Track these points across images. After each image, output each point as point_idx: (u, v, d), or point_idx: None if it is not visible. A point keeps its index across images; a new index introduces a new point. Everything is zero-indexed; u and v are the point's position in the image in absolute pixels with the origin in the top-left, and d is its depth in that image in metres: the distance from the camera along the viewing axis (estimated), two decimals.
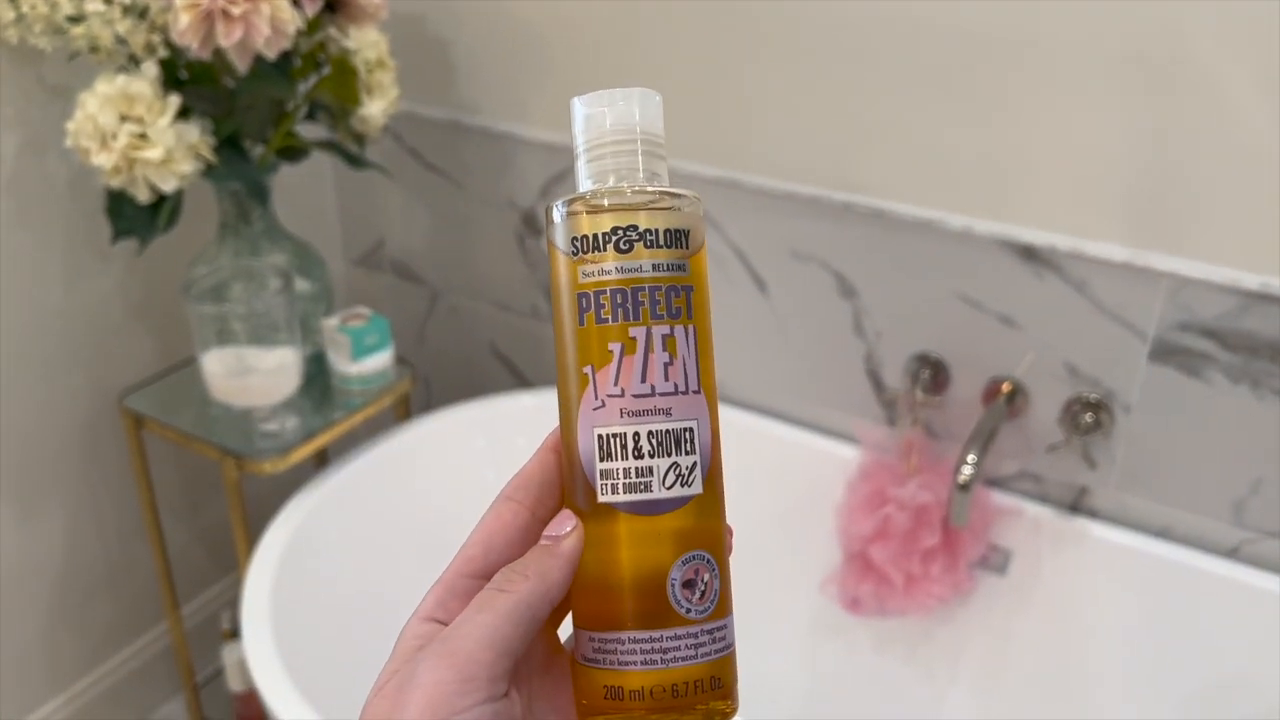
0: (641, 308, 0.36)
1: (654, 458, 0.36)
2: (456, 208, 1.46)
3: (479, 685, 0.33)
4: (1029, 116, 1.03)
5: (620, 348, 0.36)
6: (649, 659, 0.35)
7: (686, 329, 0.36)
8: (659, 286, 0.36)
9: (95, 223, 1.23)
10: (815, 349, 1.25)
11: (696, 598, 0.36)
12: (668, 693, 0.35)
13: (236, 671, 1.38)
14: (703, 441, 0.37)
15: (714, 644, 0.36)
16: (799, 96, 1.14)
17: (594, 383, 0.36)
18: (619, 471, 0.36)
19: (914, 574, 1.14)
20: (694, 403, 0.36)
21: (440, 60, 1.37)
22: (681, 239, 0.37)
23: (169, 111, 1.03)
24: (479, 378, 1.56)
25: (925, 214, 1.11)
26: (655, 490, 0.36)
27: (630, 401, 0.36)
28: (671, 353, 0.36)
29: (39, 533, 1.33)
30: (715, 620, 0.36)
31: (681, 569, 0.36)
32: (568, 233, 0.37)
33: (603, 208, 0.36)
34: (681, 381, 0.36)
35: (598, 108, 0.37)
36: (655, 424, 0.36)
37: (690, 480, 0.36)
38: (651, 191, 0.37)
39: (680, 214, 0.37)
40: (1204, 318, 1.01)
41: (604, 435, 0.36)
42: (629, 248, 0.36)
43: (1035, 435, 1.14)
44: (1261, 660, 1.06)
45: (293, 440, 1.19)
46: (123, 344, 1.34)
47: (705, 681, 0.36)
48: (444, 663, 0.33)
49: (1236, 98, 0.94)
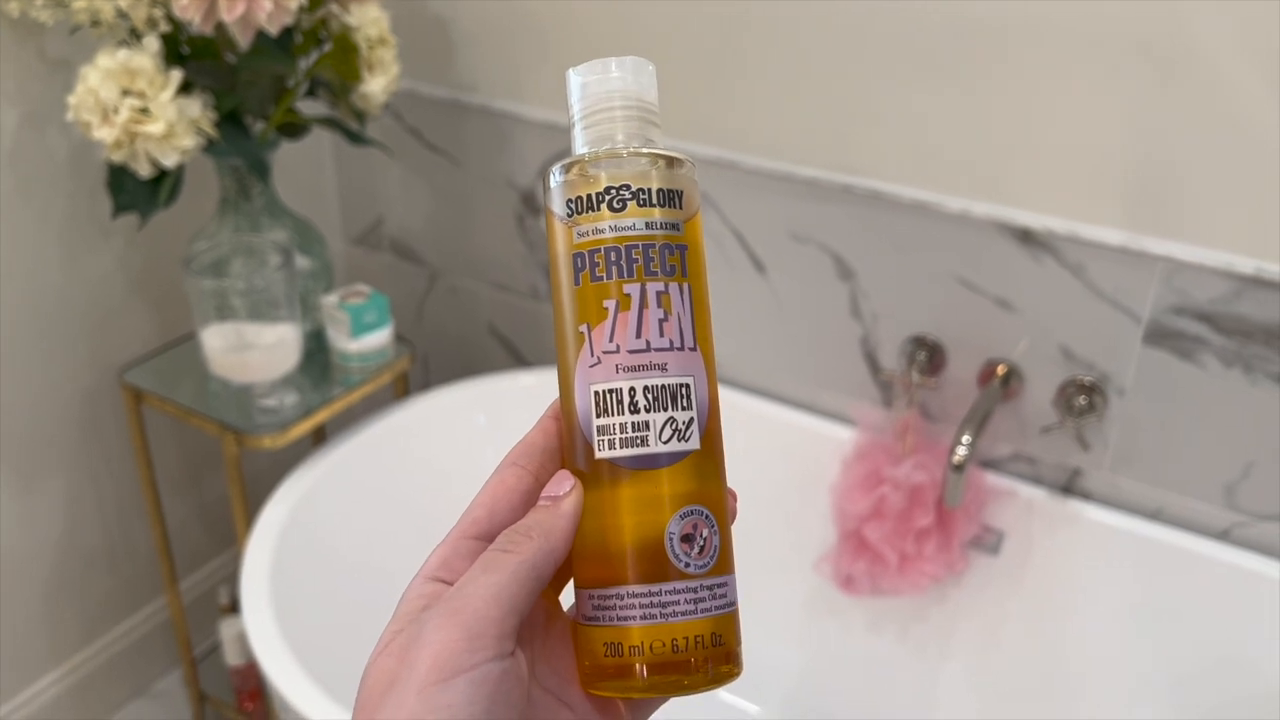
0: (636, 264, 0.36)
1: (650, 412, 0.36)
2: (456, 187, 1.46)
3: (487, 643, 0.33)
4: (1027, 100, 1.04)
5: (615, 304, 0.36)
6: (648, 613, 0.36)
7: (682, 286, 0.37)
8: (653, 244, 0.36)
9: (96, 198, 1.23)
10: (812, 330, 1.25)
11: (695, 552, 0.36)
12: (667, 647, 0.35)
13: (234, 645, 1.39)
14: (700, 398, 0.37)
15: (714, 600, 0.36)
16: (798, 78, 1.15)
17: (590, 340, 0.36)
18: (615, 427, 0.36)
19: (908, 553, 1.15)
20: (690, 359, 0.37)
21: (440, 39, 1.37)
22: (675, 199, 0.37)
23: (171, 86, 1.03)
24: (477, 357, 1.56)
25: (923, 196, 1.12)
26: (652, 444, 0.36)
27: (626, 357, 0.36)
28: (666, 309, 0.36)
29: (39, 507, 1.33)
30: (715, 577, 0.36)
31: (679, 523, 0.36)
32: (563, 196, 0.37)
33: (597, 169, 0.37)
34: (677, 338, 0.36)
35: (591, 75, 0.38)
36: (651, 379, 0.36)
37: (687, 435, 0.36)
38: (644, 153, 0.37)
39: (673, 175, 0.37)
40: (1198, 302, 1.02)
41: (600, 391, 0.36)
42: (622, 206, 0.36)
43: (1030, 417, 1.15)
44: (1252, 642, 1.07)
45: (292, 416, 1.19)
46: (123, 319, 1.35)
47: (706, 637, 0.36)
48: (451, 621, 0.33)
49: (1234, 83, 0.94)
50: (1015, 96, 1.04)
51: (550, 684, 0.37)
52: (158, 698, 1.53)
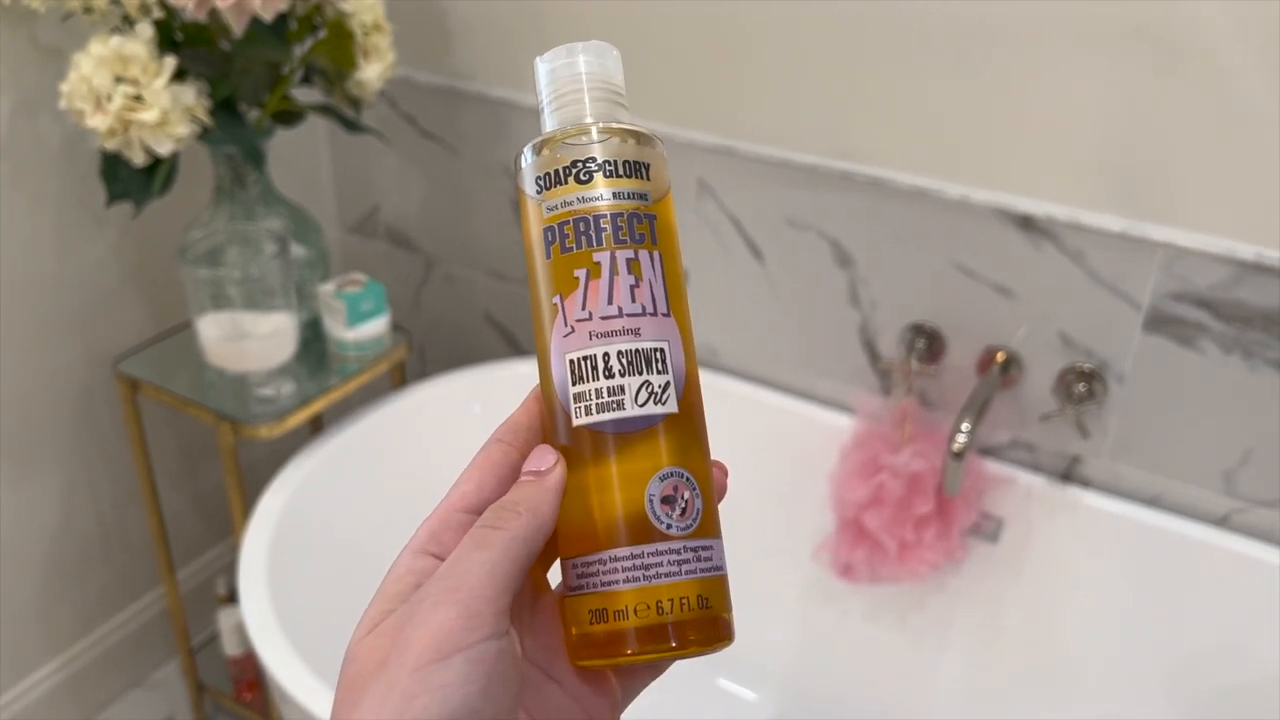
0: (604, 233, 0.37)
1: (625, 376, 0.36)
2: (451, 175, 1.45)
3: (484, 621, 0.33)
4: (1027, 86, 1.03)
5: (585, 273, 0.37)
6: (631, 576, 0.35)
7: (652, 254, 0.37)
8: (620, 213, 0.37)
9: (89, 186, 1.23)
10: (811, 318, 1.25)
11: (677, 514, 0.36)
12: (652, 609, 0.35)
13: (232, 635, 1.39)
14: (676, 363, 0.37)
15: (699, 562, 0.36)
16: (796, 64, 1.14)
17: (563, 310, 0.37)
18: (591, 393, 0.36)
19: (907, 541, 1.15)
20: (664, 325, 0.37)
21: (436, 26, 1.36)
22: (641, 170, 0.38)
23: (165, 73, 1.02)
24: (474, 346, 1.56)
25: (922, 183, 1.11)
26: (628, 408, 0.36)
27: (599, 323, 0.36)
28: (637, 275, 0.37)
29: (35, 498, 1.33)
30: (699, 539, 0.36)
31: (659, 485, 0.36)
32: (533, 174, 0.38)
33: (564, 146, 0.37)
34: (649, 303, 0.37)
35: (557, 61, 0.39)
36: (624, 344, 0.36)
37: (664, 398, 0.36)
38: (610, 128, 0.38)
39: (638, 148, 0.38)
40: (1198, 288, 1.02)
41: (575, 359, 0.36)
42: (589, 178, 0.37)
43: (1029, 404, 1.15)
44: (1251, 628, 1.07)
45: (288, 405, 1.19)
46: (118, 308, 1.34)
47: (691, 599, 0.36)
48: (449, 599, 0.33)
49: (1234, 69, 0.94)
50: (1015, 82, 1.04)
51: (538, 659, 0.37)
52: (155, 688, 1.52)
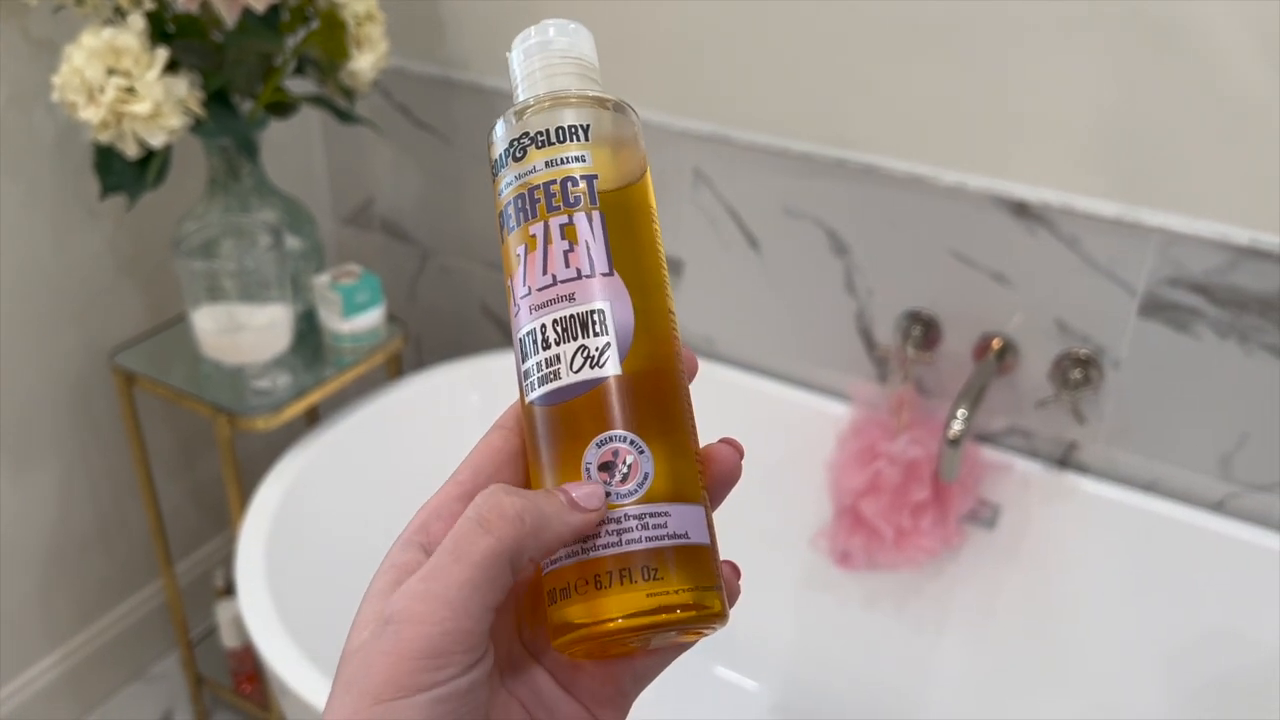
0: (538, 205, 0.36)
1: (560, 345, 0.35)
2: (446, 165, 1.45)
3: (454, 659, 0.31)
4: (1021, 72, 1.03)
5: (524, 249, 0.36)
6: (572, 550, 0.34)
7: (590, 215, 0.36)
8: (553, 180, 0.36)
9: (83, 179, 1.22)
10: (807, 306, 1.25)
11: (616, 480, 0.34)
12: (590, 584, 0.33)
13: (231, 628, 1.39)
14: (619, 323, 0.35)
15: (644, 530, 0.33)
16: (791, 52, 1.14)
17: (512, 292, 0.36)
18: (535, 367, 0.35)
19: (904, 528, 1.15)
20: (604, 285, 0.35)
21: (429, 15, 1.35)
22: (577, 133, 0.36)
23: (157, 64, 1.02)
24: (470, 336, 1.55)
25: (918, 170, 1.11)
26: (564, 376, 0.35)
27: (535, 296, 0.35)
28: (571, 239, 0.35)
29: (32, 491, 1.33)
30: (648, 505, 0.34)
31: (597, 451, 0.34)
32: (490, 163, 0.38)
33: (504, 129, 0.37)
34: (586, 265, 0.35)
35: (511, 52, 0.39)
36: (559, 311, 0.35)
37: (601, 361, 0.35)
38: (542, 99, 0.37)
39: (573, 109, 0.37)
40: (1193, 273, 1.02)
41: (521, 338, 0.36)
42: (522, 154, 0.37)
43: (1025, 391, 1.15)
44: (1247, 612, 1.07)
45: (284, 397, 1.19)
46: (113, 301, 1.34)
47: (634, 571, 0.33)
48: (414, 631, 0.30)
49: (1228, 53, 0.94)
50: (1009, 69, 1.04)
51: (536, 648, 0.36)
52: (155, 681, 1.53)
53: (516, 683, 0.35)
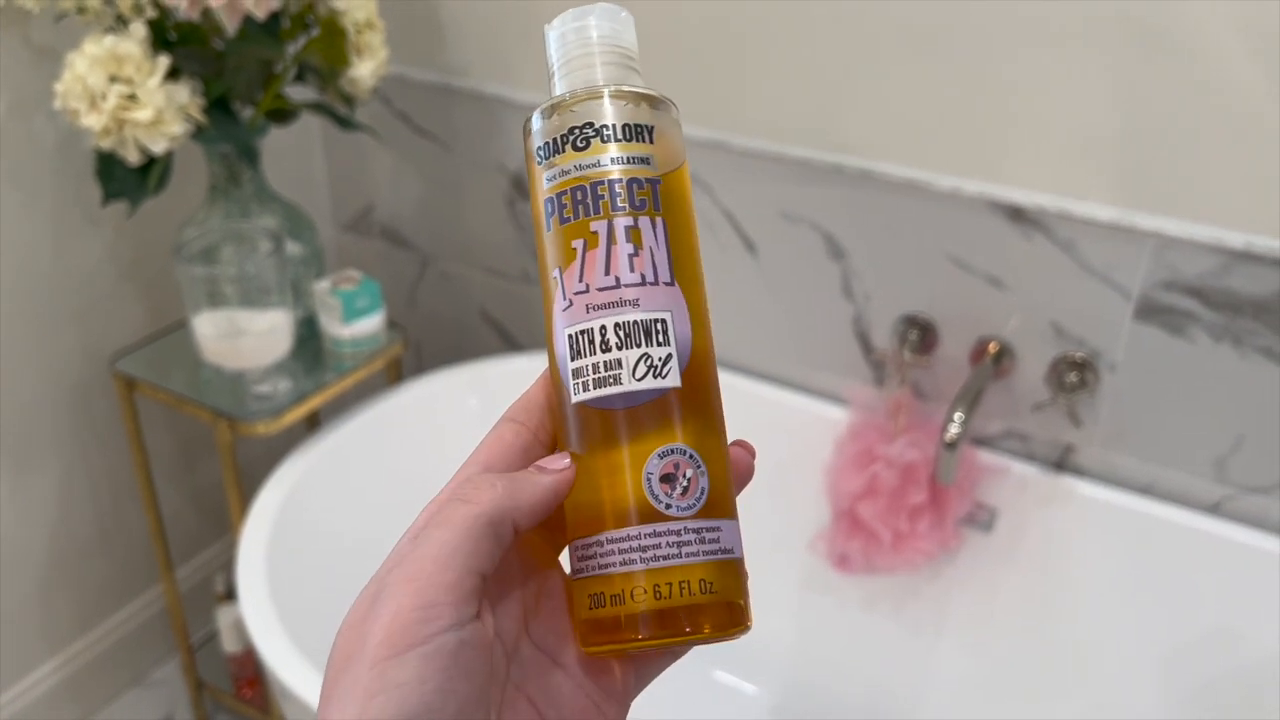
0: (601, 201, 0.35)
1: (622, 349, 0.34)
2: (446, 172, 1.45)
3: (441, 612, 0.31)
4: (1017, 76, 1.04)
5: (583, 244, 0.35)
6: (628, 559, 0.34)
7: (654, 220, 0.35)
8: (619, 179, 0.35)
9: (84, 185, 1.23)
10: (804, 311, 1.25)
11: (677, 493, 0.34)
12: (648, 594, 0.33)
13: (231, 633, 1.39)
14: (679, 335, 0.35)
15: (702, 544, 0.34)
16: (788, 58, 1.15)
17: (561, 284, 0.35)
18: (589, 368, 0.35)
19: (901, 531, 1.16)
20: (667, 294, 0.35)
21: (428, 22, 1.36)
22: (643, 133, 0.36)
23: (158, 72, 1.02)
24: (469, 342, 1.56)
25: (914, 175, 1.12)
26: (626, 383, 0.34)
27: (595, 295, 0.35)
28: (636, 243, 0.35)
29: (32, 496, 1.33)
30: (704, 520, 0.34)
31: (658, 463, 0.34)
32: (536, 143, 0.37)
33: (566, 112, 0.36)
34: (650, 273, 0.35)
35: (565, 25, 0.38)
36: (621, 315, 0.34)
37: (664, 372, 0.35)
38: (611, 90, 0.36)
39: (641, 111, 0.36)
40: (1188, 276, 1.03)
41: (573, 334, 0.35)
42: (585, 144, 0.36)
43: (1021, 394, 1.16)
44: (1243, 614, 1.08)
45: (285, 402, 1.19)
46: (114, 307, 1.34)
47: (693, 583, 0.33)
48: (403, 589, 0.31)
49: (1222, 57, 0.95)
50: (1005, 74, 1.04)
51: (546, 644, 0.36)
52: (155, 686, 1.53)
53: (525, 679, 0.35)
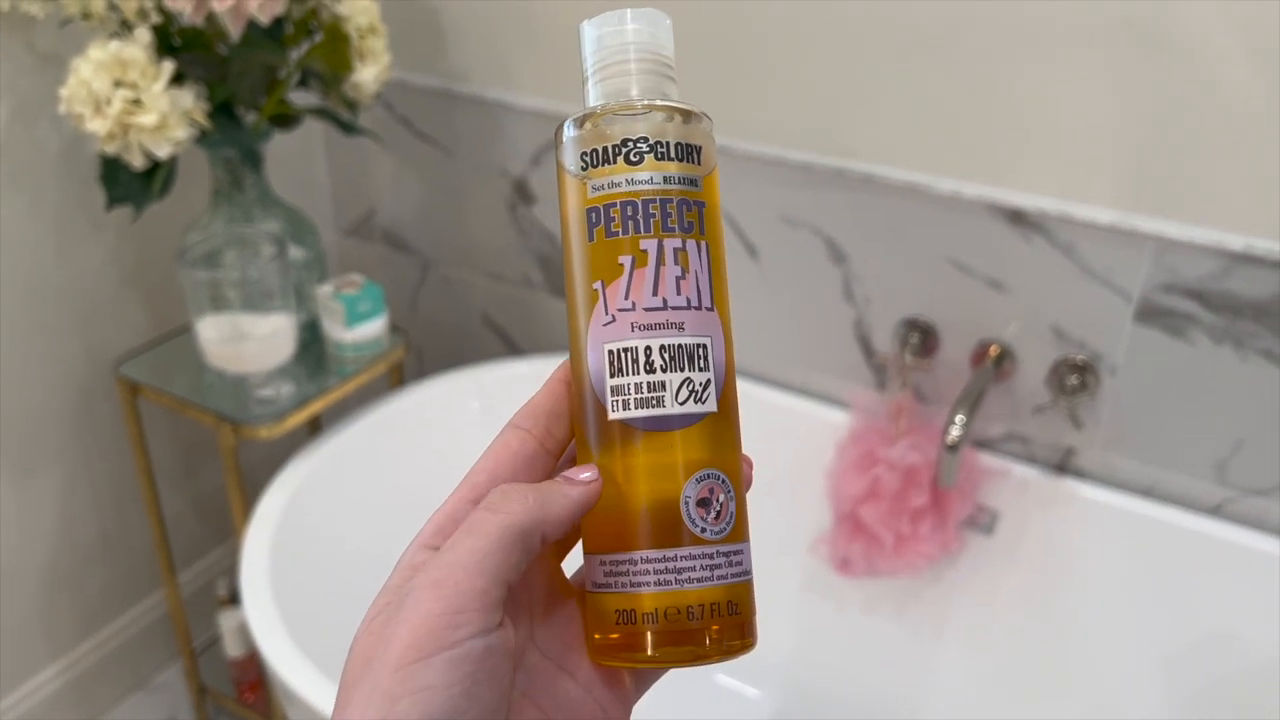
0: (653, 219, 0.35)
1: (666, 372, 0.35)
2: (447, 177, 1.46)
3: (470, 618, 0.31)
4: (1017, 80, 1.04)
5: (631, 260, 0.35)
6: (663, 579, 0.34)
7: (699, 244, 0.35)
8: (670, 199, 0.35)
9: (87, 190, 1.23)
10: (806, 314, 1.26)
11: (712, 517, 0.35)
12: (682, 614, 0.34)
13: (234, 637, 1.39)
14: (717, 360, 0.36)
15: (730, 567, 0.35)
16: (789, 62, 1.15)
17: (604, 298, 0.35)
18: (630, 387, 0.35)
19: (903, 533, 1.16)
20: (708, 320, 0.35)
21: (430, 28, 1.37)
22: (693, 154, 0.36)
23: (163, 77, 1.03)
24: (471, 347, 1.56)
25: (915, 178, 1.12)
26: (668, 405, 0.35)
27: (641, 315, 0.35)
28: (684, 266, 0.35)
29: (34, 500, 1.33)
30: (731, 543, 0.35)
31: (696, 487, 0.35)
32: (577, 149, 0.36)
33: (611, 122, 0.35)
34: (694, 296, 0.35)
35: (606, 27, 0.37)
36: (667, 338, 0.35)
37: (704, 398, 0.35)
38: (660, 105, 0.36)
39: (690, 129, 0.36)
40: (1188, 279, 1.03)
41: (615, 350, 0.35)
42: (639, 159, 0.35)
43: (1022, 397, 1.16)
44: (1244, 616, 1.08)
45: (288, 406, 1.19)
46: (117, 312, 1.35)
47: (722, 605, 0.35)
48: (431, 594, 0.31)
49: (1221, 60, 0.95)
50: (1004, 77, 1.05)
51: (552, 651, 0.36)
52: (157, 691, 1.53)
53: (532, 686, 0.35)
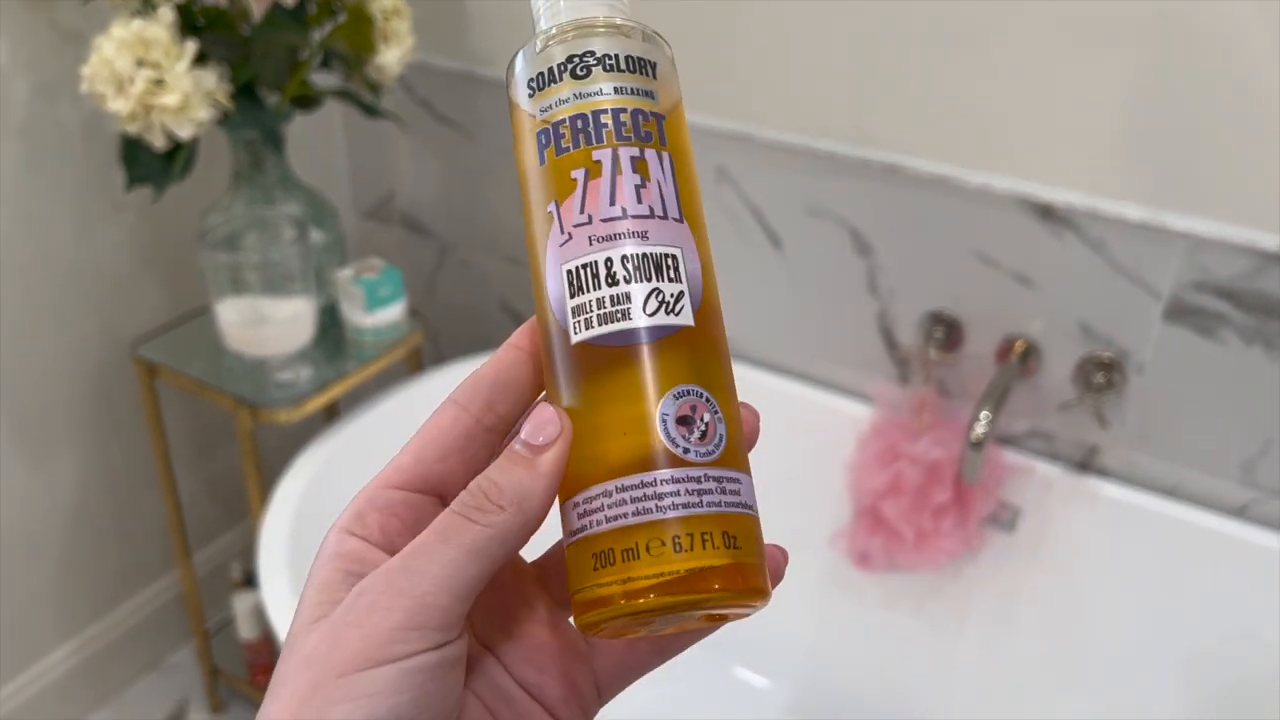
0: (605, 130, 0.33)
1: (631, 282, 0.31)
2: (468, 160, 1.45)
3: (428, 634, 0.29)
4: (1048, 74, 1.03)
5: (584, 173, 0.32)
6: (642, 507, 0.30)
7: (660, 154, 0.33)
8: (623, 109, 0.33)
9: (107, 170, 1.23)
10: (829, 306, 1.25)
11: (696, 437, 0.31)
12: (667, 545, 0.29)
13: (247, 620, 1.39)
14: (690, 273, 0.32)
15: (724, 494, 0.30)
16: (815, 50, 1.14)
17: (559, 218, 0.32)
18: (593, 303, 0.32)
19: (925, 529, 1.15)
20: (676, 230, 0.32)
21: (453, 10, 1.35)
22: (645, 67, 0.34)
23: (186, 57, 1.02)
24: (488, 332, 1.56)
25: (943, 170, 1.11)
26: (636, 317, 0.31)
27: (599, 226, 0.32)
28: (643, 174, 0.32)
29: (51, 481, 1.33)
30: (724, 468, 0.31)
31: (675, 403, 0.31)
32: (525, 77, 0.34)
33: (558, 43, 0.34)
34: (658, 206, 0.32)
35: None
36: (630, 247, 0.32)
37: (677, 309, 0.32)
38: (608, 21, 0.34)
39: (640, 43, 0.34)
40: (1219, 278, 1.02)
41: (573, 269, 0.32)
42: (586, 73, 0.33)
43: (1048, 394, 1.15)
44: (1267, 618, 1.07)
45: (307, 390, 1.19)
46: (135, 293, 1.34)
47: (715, 535, 0.30)
48: (394, 603, 0.29)
49: (1256, 57, 0.94)
50: (1036, 70, 1.03)
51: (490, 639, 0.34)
52: (170, 672, 1.53)
53: (472, 677, 0.33)
